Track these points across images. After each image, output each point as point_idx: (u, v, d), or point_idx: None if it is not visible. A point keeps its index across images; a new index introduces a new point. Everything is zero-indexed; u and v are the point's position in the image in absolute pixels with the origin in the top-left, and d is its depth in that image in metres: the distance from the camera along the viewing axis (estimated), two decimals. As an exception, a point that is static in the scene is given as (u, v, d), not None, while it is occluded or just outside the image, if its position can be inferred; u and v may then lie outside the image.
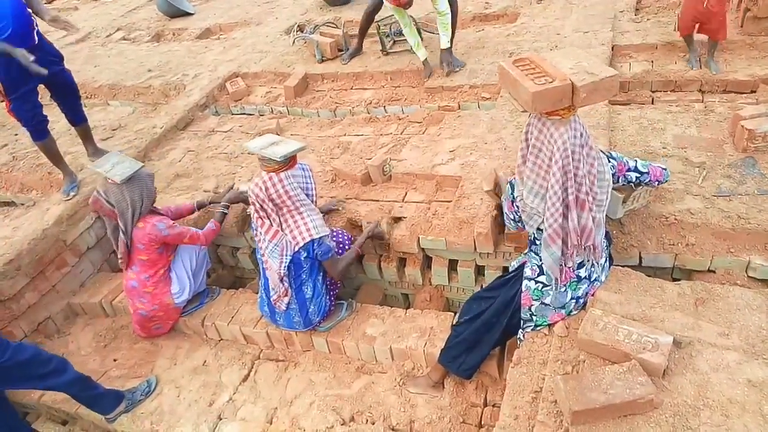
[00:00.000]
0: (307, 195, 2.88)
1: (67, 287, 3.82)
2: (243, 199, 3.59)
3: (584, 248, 2.32)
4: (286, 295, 2.98)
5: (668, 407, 2.00)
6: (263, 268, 3.02)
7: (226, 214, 3.53)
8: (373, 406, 2.85)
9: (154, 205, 3.26)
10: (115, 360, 3.43)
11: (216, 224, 3.41)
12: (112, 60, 6.80)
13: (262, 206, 2.84)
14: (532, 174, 2.23)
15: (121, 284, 3.63)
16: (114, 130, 5.03)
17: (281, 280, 2.94)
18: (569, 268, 2.40)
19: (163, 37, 7.65)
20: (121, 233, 3.11)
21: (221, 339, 3.43)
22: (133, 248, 3.17)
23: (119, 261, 3.25)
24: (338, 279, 3.12)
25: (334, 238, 3.14)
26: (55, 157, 4.03)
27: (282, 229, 2.88)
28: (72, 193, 3.99)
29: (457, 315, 2.78)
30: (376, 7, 5.14)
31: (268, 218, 2.87)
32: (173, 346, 3.44)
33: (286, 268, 2.91)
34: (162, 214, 3.28)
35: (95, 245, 4.05)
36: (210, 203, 3.67)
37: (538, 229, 2.36)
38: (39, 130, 3.83)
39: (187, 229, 3.24)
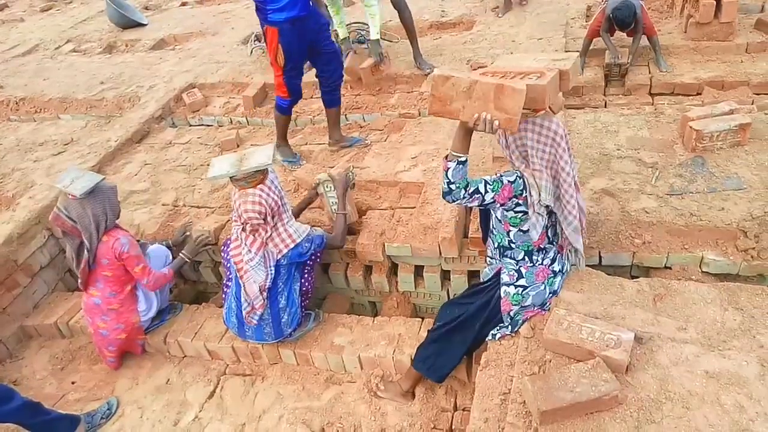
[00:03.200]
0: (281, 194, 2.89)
1: (19, 309, 3.65)
2: (205, 243, 3.47)
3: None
4: (261, 308, 2.93)
5: (632, 402, 2.05)
6: (236, 281, 2.96)
7: (185, 263, 3.36)
8: (343, 417, 2.82)
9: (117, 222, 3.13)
10: (73, 383, 3.29)
11: (170, 272, 3.21)
12: (62, 73, 6.59)
13: (265, 220, 2.76)
14: (544, 174, 2.29)
15: (78, 303, 3.50)
16: (66, 144, 4.86)
17: (261, 292, 2.89)
18: (545, 265, 2.46)
19: (116, 48, 7.46)
20: (85, 250, 2.98)
21: (185, 356, 3.34)
22: (97, 264, 3.04)
23: (79, 281, 3.10)
24: (341, 246, 3.19)
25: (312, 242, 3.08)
26: (284, 131, 4.16)
27: (266, 241, 2.83)
28: (294, 167, 4.07)
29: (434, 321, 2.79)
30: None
31: (265, 231, 2.81)
32: (134, 365, 3.33)
33: (271, 280, 2.88)
34: (125, 230, 3.16)
35: (48, 264, 3.89)
36: (169, 247, 3.51)
37: (520, 230, 2.40)
38: (293, 103, 3.99)
39: (145, 261, 3.09)
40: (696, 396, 2.04)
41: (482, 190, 2.26)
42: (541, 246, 2.44)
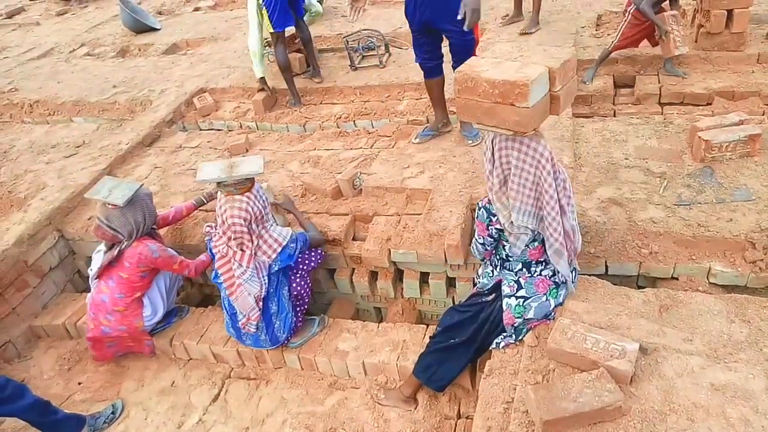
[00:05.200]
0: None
1: (29, 309, 3.69)
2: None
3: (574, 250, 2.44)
4: (257, 319, 2.94)
5: (636, 413, 2.03)
6: (226, 295, 2.98)
7: None
8: (346, 423, 2.82)
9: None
10: (79, 383, 3.32)
11: (208, 257, 3.26)
12: (75, 76, 6.67)
13: (248, 228, 2.79)
14: (519, 195, 2.27)
15: (86, 305, 3.53)
16: (78, 147, 4.91)
17: (257, 303, 2.90)
18: (544, 276, 2.45)
19: (129, 52, 7.55)
20: (116, 249, 3.06)
21: (190, 358, 3.36)
22: (118, 263, 3.09)
23: (95, 272, 3.17)
24: (324, 241, 3.33)
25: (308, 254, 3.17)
26: (440, 100, 4.12)
27: (254, 252, 2.85)
28: (419, 138, 4.12)
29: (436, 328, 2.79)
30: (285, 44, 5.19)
31: (251, 242, 2.83)
32: (140, 367, 3.35)
33: (266, 290, 2.91)
34: (155, 237, 3.24)
35: (58, 265, 3.93)
36: (210, 200, 3.63)
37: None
38: (427, 62, 3.95)
39: (178, 257, 3.20)
40: (701, 408, 2.02)
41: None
42: (540, 259, 2.44)
